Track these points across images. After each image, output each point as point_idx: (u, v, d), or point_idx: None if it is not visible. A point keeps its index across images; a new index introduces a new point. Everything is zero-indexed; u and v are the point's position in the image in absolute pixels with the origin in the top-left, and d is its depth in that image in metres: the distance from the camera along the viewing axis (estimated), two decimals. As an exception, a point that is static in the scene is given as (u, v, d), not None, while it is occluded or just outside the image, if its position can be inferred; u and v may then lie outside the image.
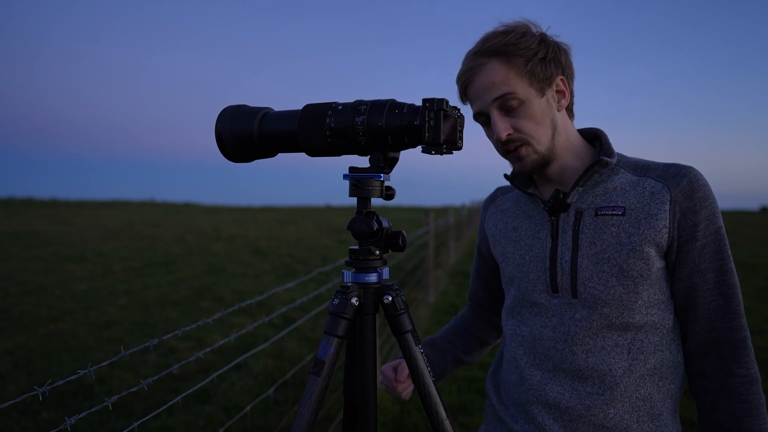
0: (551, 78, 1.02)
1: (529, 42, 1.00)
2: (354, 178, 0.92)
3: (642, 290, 0.99)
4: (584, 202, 1.05)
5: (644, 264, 0.98)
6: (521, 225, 1.15)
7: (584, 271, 1.02)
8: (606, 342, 1.02)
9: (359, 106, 0.90)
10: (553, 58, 1.01)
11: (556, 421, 1.06)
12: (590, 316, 1.02)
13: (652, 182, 1.01)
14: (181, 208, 28.79)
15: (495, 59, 1.00)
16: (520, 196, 1.18)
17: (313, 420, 0.89)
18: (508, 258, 1.15)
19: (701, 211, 0.98)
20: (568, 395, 1.04)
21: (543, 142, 1.02)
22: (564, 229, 1.06)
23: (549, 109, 1.02)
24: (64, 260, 9.41)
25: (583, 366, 1.03)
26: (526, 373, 1.10)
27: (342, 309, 0.92)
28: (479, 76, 1.01)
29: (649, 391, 1.02)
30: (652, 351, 1.02)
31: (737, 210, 34.36)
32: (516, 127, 1.01)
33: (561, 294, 1.05)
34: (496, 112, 1.01)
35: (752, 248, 12.14)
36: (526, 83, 0.99)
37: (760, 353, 4.45)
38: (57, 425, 2.82)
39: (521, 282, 1.11)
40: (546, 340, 1.07)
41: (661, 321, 1.02)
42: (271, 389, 1.95)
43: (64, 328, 5.21)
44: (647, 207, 0.99)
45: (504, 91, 0.99)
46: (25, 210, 22.23)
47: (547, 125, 1.02)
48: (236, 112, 0.99)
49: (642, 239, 0.98)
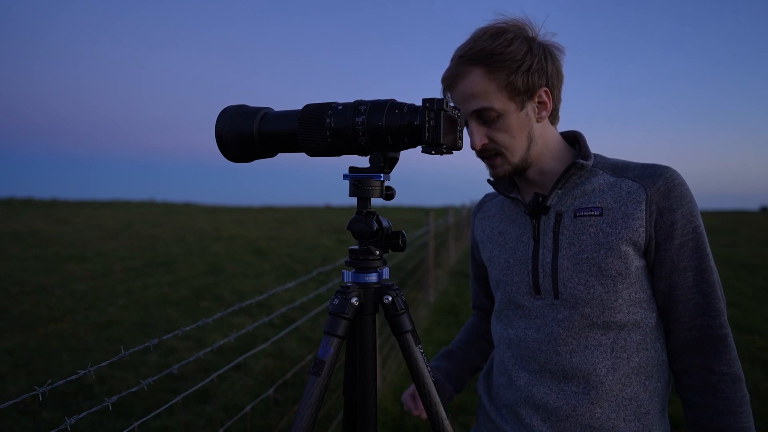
0: (533, 90, 1.01)
1: (516, 52, 0.98)
2: (354, 178, 0.92)
3: (622, 289, 1.00)
4: (564, 204, 1.06)
5: (622, 263, 0.99)
6: (506, 229, 1.16)
7: (564, 272, 1.03)
8: (589, 341, 1.03)
9: (359, 106, 0.90)
10: (538, 69, 1.00)
11: (544, 422, 1.07)
12: (572, 316, 1.03)
13: (629, 182, 1.02)
14: (181, 208, 28.79)
15: (477, 68, 0.99)
16: (505, 200, 1.20)
17: (313, 420, 0.89)
18: (494, 262, 1.17)
19: (678, 210, 0.98)
20: (554, 396, 1.05)
21: (517, 154, 1.03)
22: (545, 231, 1.07)
23: (527, 122, 1.03)
24: (64, 260, 9.41)
25: (567, 366, 1.04)
26: (514, 375, 1.12)
27: (342, 309, 0.92)
28: (460, 84, 1.01)
29: (635, 390, 1.03)
30: (635, 350, 1.02)
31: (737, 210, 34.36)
32: (491, 137, 1.02)
33: (543, 295, 1.06)
34: (474, 121, 1.02)
35: (752, 248, 12.14)
36: (506, 97, 1.00)
37: (760, 353, 4.45)
38: (57, 425, 2.82)
39: (506, 285, 1.13)
40: (531, 341, 1.08)
41: (643, 320, 1.03)
42: (271, 389, 1.95)
43: (64, 328, 5.21)
44: (624, 207, 1.00)
45: (482, 105, 1.00)
46: (25, 210, 22.24)
47: (522, 138, 1.03)
48: (236, 112, 0.99)
49: (619, 238, 0.99)
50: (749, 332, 5.04)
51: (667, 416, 1.09)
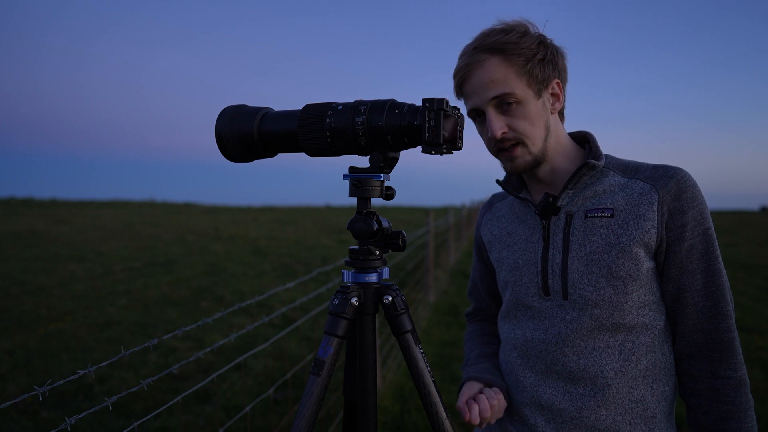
0: (548, 80, 1.02)
1: (529, 42, 0.99)
2: (354, 178, 0.92)
3: (632, 291, 1.00)
4: (574, 204, 1.05)
5: (633, 265, 0.99)
6: (515, 230, 1.15)
7: (574, 273, 1.02)
8: (597, 343, 1.02)
9: (359, 106, 0.90)
10: (551, 60, 1.01)
11: (549, 423, 1.06)
12: (581, 318, 1.02)
13: (641, 183, 1.01)
14: (181, 208, 28.79)
15: (495, 56, 0.99)
16: (514, 201, 1.19)
17: (313, 420, 0.89)
18: (503, 263, 1.16)
19: (689, 211, 0.98)
20: (560, 397, 1.05)
21: (537, 143, 1.03)
22: (555, 232, 1.06)
23: (544, 111, 1.03)
24: (64, 260, 9.41)
25: (574, 368, 1.03)
26: (520, 375, 1.11)
27: (342, 309, 0.92)
28: (478, 72, 1.00)
29: (642, 393, 1.02)
30: (644, 352, 1.02)
31: (737, 210, 34.36)
32: (511, 126, 1.01)
33: (552, 296, 1.06)
34: (492, 110, 1.01)
35: (752, 248, 12.14)
36: (524, 83, 0.99)
37: (760, 353, 4.45)
38: (57, 425, 2.82)
39: (515, 286, 1.12)
40: (538, 342, 1.08)
41: (652, 322, 1.02)
42: (271, 389, 1.95)
43: (64, 328, 5.21)
44: (635, 208, 1.00)
45: (502, 91, 0.99)
46: (25, 210, 22.23)
47: (541, 127, 1.02)
48: (236, 112, 0.99)
49: (630, 240, 0.99)
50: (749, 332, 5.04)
51: (673, 420, 1.08)
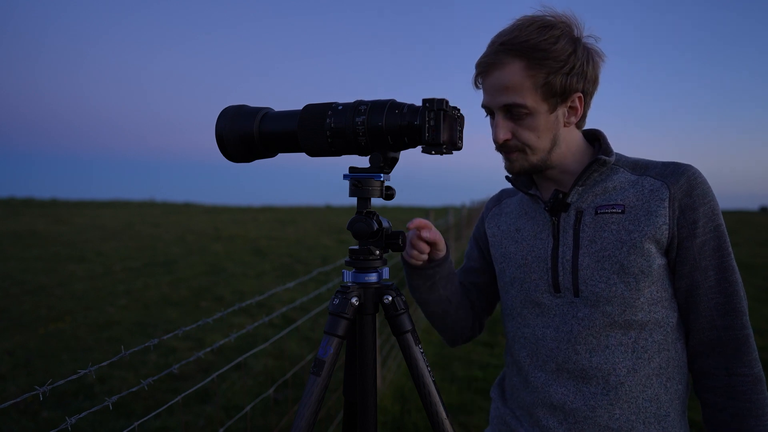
0: (569, 94, 0.99)
1: (561, 51, 0.96)
2: (354, 178, 0.92)
3: (644, 287, 0.99)
4: (584, 201, 1.05)
5: (645, 261, 0.98)
6: (524, 226, 1.14)
7: (585, 270, 1.02)
8: (609, 341, 1.01)
9: (359, 106, 0.90)
10: (578, 73, 0.98)
11: (561, 423, 1.05)
12: (592, 315, 1.01)
13: (651, 180, 1.01)
14: (181, 208, 28.78)
15: (517, 61, 0.96)
16: (523, 197, 1.18)
17: (313, 420, 0.89)
18: (509, 259, 1.15)
19: (700, 208, 0.98)
20: (572, 396, 1.03)
21: (538, 154, 1.02)
22: (565, 228, 1.05)
23: (555, 125, 1.01)
24: (64, 260, 9.41)
25: (586, 366, 1.02)
26: (530, 375, 1.10)
27: (342, 309, 0.92)
28: (496, 74, 0.98)
29: (655, 392, 1.01)
30: (656, 350, 1.01)
31: (737, 210, 34.36)
32: (516, 134, 1.01)
33: (563, 293, 1.05)
34: (501, 114, 1.00)
35: (752, 248, 12.13)
36: (540, 97, 0.97)
37: (760, 353, 4.45)
38: (57, 425, 2.82)
39: (524, 282, 1.11)
40: (549, 340, 1.06)
41: (664, 319, 1.01)
42: (271, 389, 1.95)
43: (64, 328, 5.21)
44: (646, 204, 0.99)
45: (514, 101, 0.97)
46: (25, 210, 22.23)
47: (547, 140, 1.01)
48: (236, 112, 1.00)
49: (642, 236, 0.98)
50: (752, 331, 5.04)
51: (686, 419, 1.07)
